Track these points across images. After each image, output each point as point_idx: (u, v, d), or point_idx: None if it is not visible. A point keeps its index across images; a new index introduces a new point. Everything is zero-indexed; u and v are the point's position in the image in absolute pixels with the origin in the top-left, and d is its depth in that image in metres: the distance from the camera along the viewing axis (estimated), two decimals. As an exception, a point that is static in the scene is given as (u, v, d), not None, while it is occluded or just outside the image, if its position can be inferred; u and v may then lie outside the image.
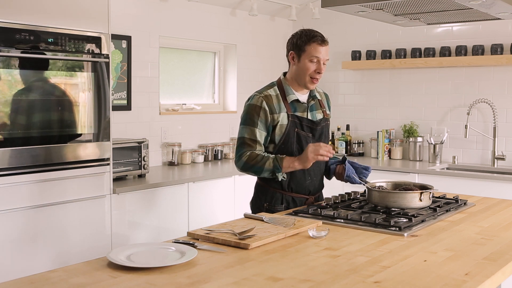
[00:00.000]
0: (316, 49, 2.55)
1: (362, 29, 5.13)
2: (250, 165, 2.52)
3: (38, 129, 2.98)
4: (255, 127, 2.54)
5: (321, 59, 2.57)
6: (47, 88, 3.04)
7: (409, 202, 2.31)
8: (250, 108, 2.57)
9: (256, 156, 2.51)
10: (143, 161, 3.76)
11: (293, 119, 2.57)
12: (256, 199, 2.69)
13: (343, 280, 1.55)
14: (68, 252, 3.10)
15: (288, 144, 2.57)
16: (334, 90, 5.31)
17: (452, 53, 4.58)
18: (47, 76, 3.03)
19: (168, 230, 3.64)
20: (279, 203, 2.59)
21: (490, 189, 3.85)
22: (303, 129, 2.60)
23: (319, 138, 2.65)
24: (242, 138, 2.56)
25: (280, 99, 2.59)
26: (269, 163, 2.48)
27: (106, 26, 3.26)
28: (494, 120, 4.43)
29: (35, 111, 2.97)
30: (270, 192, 2.61)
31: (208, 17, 4.70)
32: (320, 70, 2.56)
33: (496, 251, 1.86)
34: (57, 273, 1.60)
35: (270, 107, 2.54)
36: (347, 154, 5.05)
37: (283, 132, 2.56)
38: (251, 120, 2.55)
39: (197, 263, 1.69)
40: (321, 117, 2.69)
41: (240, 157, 2.55)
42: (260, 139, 2.54)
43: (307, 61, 2.56)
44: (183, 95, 4.80)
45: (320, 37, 2.59)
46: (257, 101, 2.56)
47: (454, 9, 2.91)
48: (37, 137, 2.97)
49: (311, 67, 2.56)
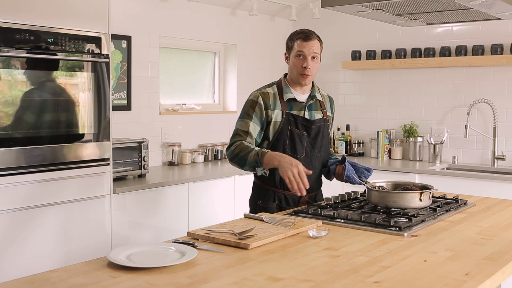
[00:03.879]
0: (300, 44, 2.59)
1: (362, 29, 5.13)
2: (235, 153, 2.53)
3: (38, 129, 2.98)
4: (250, 120, 2.58)
5: (307, 54, 2.58)
6: (47, 88, 3.04)
7: (409, 202, 2.31)
8: (247, 103, 2.64)
9: (242, 146, 2.52)
10: (143, 161, 3.76)
11: (287, 117, 2.60)
12: (252, 198, 2.73)
13: (343, 280, 1.55)
14: (68, 252, 3.10)
15: (281, 141, 2.59)
16: (334, 90, 5.31)
17: (452, 53, 4.58)
18: (47, 76, 3.03)
19: (168, 230, 3.64)
20: (271, 200, 2.62)
21: (490, 189, 3.85)
22: (298, 127, 2.61)
23: (315, 137, 2.65)
24: (236, 129, 2.62)
25: (277, 97, 2.63)
26: (251, 155, 2.46)
27: (106, 26, 3.26)
28: (494, 120, 4.43)
29: (35, 111, 2.97)
30: (264, 190, 2.65)
31: (208, 17, 4.70)
32: (306, 65, 2.58)
33: (496, 251, 1.86)
34: (57, 273, 1.60)
35: (265, 103, 2.60)
36: (347, 154, 5.05)
37: (276, 129, 2.59)
38: (247, 113, 2.61)
39: (197, 263, 1.69)
40: (320, 117, 2.70)
41: (230, 145, 2.59)
42: (252, 132, 2.57)
43: (294, 57, 2.61)
44: (183, 95, 4.80)
45: (306, 33, 2.61)
46: (254, 97, 2.64)
47: (454, 9, 2.91)
48: (37, 137, 2.97)
49: (298, 63, 2.60)
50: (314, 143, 2.66)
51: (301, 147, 2.62)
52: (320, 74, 5.33)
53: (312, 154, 2.66)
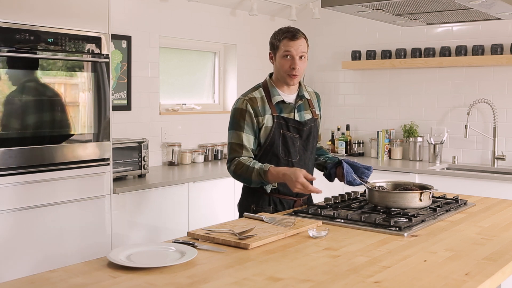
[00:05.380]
0: (286, 44, 2.50)
1: (362, 29, 5.13)
2: (237, 174, 2.50)
3: (38, 129, 2.98)
4: (242, 131, 2.52)
5: (294, 54, 2.50)
6: (47, 88, 3.03)
7: (409, 202, 2.31)
8: (235, 112, 2.56)
9: (242, 165, 2.47)
10: (143, 161, 3.76)
11: (278, 121, 2.54)
12: (243, 201, 2.65)
13: (343, 280, 1.55)
14: (68, 252, 3.09)
15: (274, 146, 2.54)
16: (334, 90, 5.31)
17: (452, 53, 4.58)
18: (47, 76, 3.02)
19: (168, 230, 3.64)
20: (266, 204, 2.56)
21: (490, 189, 3.85)
22: (289, 130, 2.55)
23: (306, 138, 2.60)
24: (230, 143, 2.55)
25: (265, 101, 2.55)
26: (254, 175, 2.44)
27: (106, 26, 3.26)
28: (494, 120, 4.43)
29: (35, 111, 2.97)
30: (258, 194, 2.57)
31: (208, 17, 4.70)
32: (294, 66, 2.50)
33: (496, 251, 1.86)
34: (57, 273, 1.60)
35: (254, 110, 2.52)
36: (347, 154, 5.05)
37: (268, 134, 2.53)
38: (237, 124, 2.53)
39: (197, 263, 1.69)
40: (310, 117, 2.64)
41: (230, 165, 2.54)
42: (247, 144, 2.51)
43: (281, 58, 2.53)
44: (183, 95, 4.80)
45: (292, 32, 2.52)
46: (241, 105, 2.54)
47: (454, 9, 2.91)
48: (37, 137, 2.97)
49: (285, 63, 2.52)
50: (307, 145, 2.61)
51: (294, 151, 2.57)
52: (320, 74, 5.34)
53: (305, 156, 2.61)
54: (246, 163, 2.47)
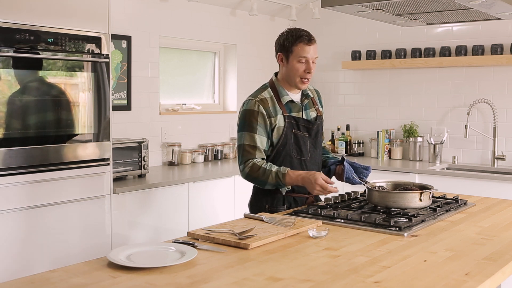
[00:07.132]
0: (303, 49, 2.50)
1: (362, 29, 5.13)
2: (253, 177, 2.50)
3: (38, 129, 2.98)
4: (255, 132, 2.50)
5: (310, 59, 2.51)
6: (47, 88, 3.04)
7: (409, 202, 2.31)
8: (247, 113, 2.53)
9: (258, 168, 2.47)
10: (143, 161, 3.76)
11: (289, 120, 2.56)
12: (256, 201, 2.65)
13: (343, 280, 1.55)
14: (68, 252, 3.09)
15: (287, 146, 2.55)
16: (334, 90, 5.31)
17: (452, 53, 4.58)
18: (47, 76, 3.03)
19: (168, 230, 3.64)
20: (281, 203, 2.57)
21: (490, 189, 3.85)
22: (300, 129, 2.58)
23: (315, 136, 2.64)
24: (242, 145, 2.52)
25: (275, 101, 2.56)
26: (271, 177, 2.46)
27: (106, 26, 3.26)
28: (494, 120, 4.43)
29: (35, 111, 2.97)
30: (271, 194, 2.58)
31: (208, 17, 4.70)
32: (309, 70, 2.52)
33: (496, 251, 1.86)
34: (57, 273, 1.60)
35: (267, 111, 2.51)
36: (347, 154, 5.05)
37: (280, 134, 2.54)
38: (250, 126, 2.51)
39: (197, 263, 1.69)
40: (315, 115, 2.68)
41: (243, 167, 2.52)
42: (260, 145, 2.51)
43: (296, 62, 2.51)
44: (183, 95, 4.80)
45: (307, 36, 2.52)
46: (253, 106, 2.52)
47: (454, 9, 2.91)
48: (37, 137, 2.97)
49: (300, 67, 2.52)
50: (316, 143, 2.65)
51: (305, 149, 2.59)
52: (320, 74, 5.33)
53: (315, 154, 2.65)
54: (262, 165, 2.48)
